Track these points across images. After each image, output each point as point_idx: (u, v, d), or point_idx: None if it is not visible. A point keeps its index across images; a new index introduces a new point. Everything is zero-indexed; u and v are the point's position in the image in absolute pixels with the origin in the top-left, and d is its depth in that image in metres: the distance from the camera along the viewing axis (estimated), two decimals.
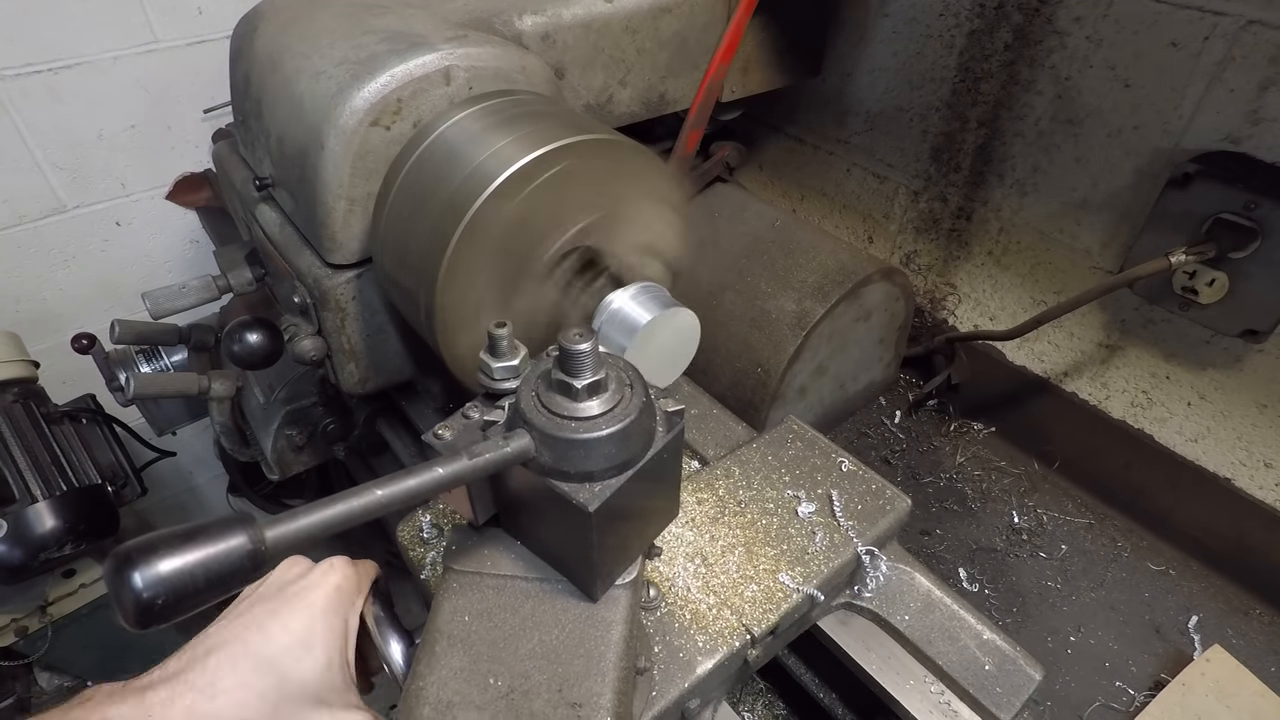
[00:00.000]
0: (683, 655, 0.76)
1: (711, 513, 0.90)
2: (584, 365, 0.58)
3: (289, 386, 1.72)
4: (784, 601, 0.81)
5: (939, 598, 0.93)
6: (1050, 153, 1.44)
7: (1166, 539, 1.46)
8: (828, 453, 0.98)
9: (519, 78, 1.10)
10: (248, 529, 0.45)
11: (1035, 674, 0.88)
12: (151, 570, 0.42)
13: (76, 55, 1.71)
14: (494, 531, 0.70)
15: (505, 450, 0.56)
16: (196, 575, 0.43)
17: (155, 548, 0.43)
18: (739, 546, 0.86)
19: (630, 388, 0.61)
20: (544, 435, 0.57)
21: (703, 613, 0.80)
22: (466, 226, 0.87)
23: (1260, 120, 1.16)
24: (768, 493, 0.92)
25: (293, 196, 1.14)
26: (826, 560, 0.85)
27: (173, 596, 0.42)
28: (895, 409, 1.75)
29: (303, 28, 1.15)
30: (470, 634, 0.63)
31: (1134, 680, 1.26)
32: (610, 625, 0.64)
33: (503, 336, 0.63)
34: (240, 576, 0.45)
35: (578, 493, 0.58)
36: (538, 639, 0.63)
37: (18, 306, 1.90)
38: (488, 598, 0.65)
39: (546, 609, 0.65)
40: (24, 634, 1.63)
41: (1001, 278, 1.62)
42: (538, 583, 0.67)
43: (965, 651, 0.90)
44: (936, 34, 1.54)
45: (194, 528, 0.45)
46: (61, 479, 1.55)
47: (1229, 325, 1.24)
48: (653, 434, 0.62)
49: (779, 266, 1.49)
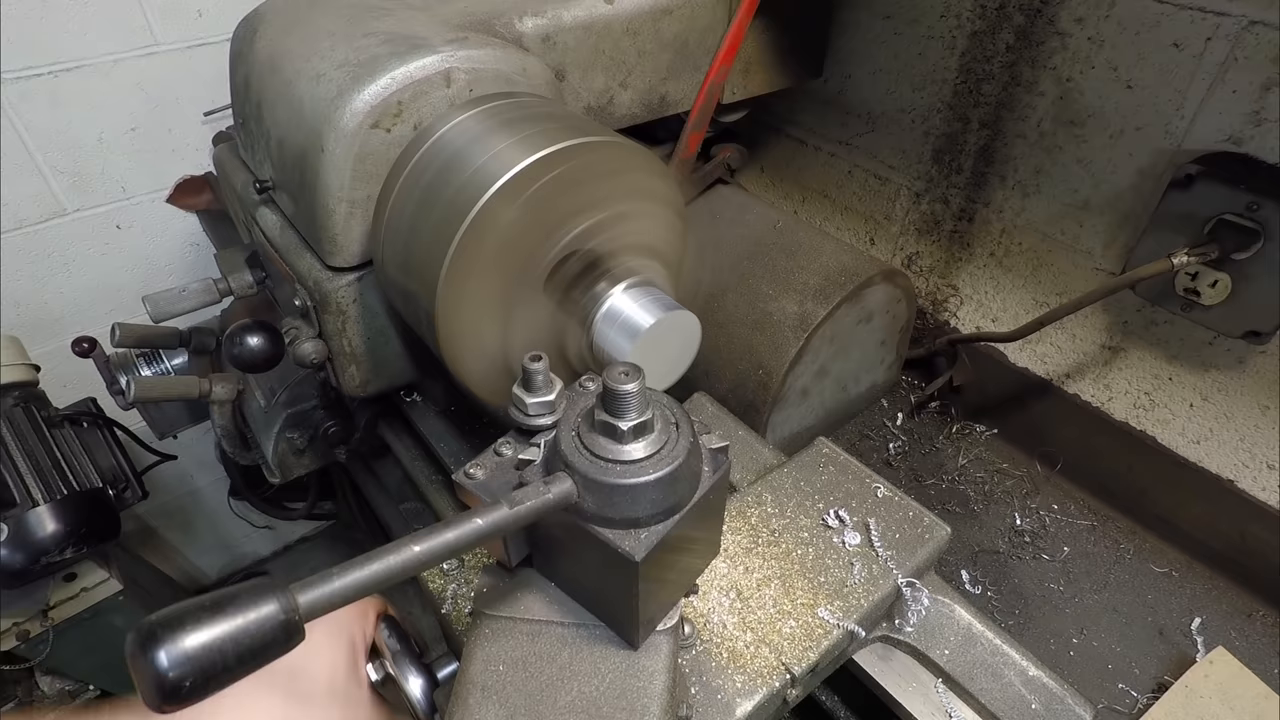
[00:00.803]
0: (721, 697, 0.72)
1: (745, 543, 0.86)
2: (630, 405, 0.54)
3: (290, 389, 1.71)
4: (824, 638, 0.77)
5: (980, 631, 0.89)
6: (1052, 154, 1.44)
7: (1169, 541, 1.46)
8: (861, 477, 0.94)
9: (520, 80, 1.10)
10: (279, 596, 0.42)
11: (1085, 713, 0.84)
12: (178, 647, 0.39)
13: (77, 58, 1.71)
14: (527, 573, 0.67)
15: (547, 497, 0.53)
16: (226, 651, 0.40)
17: (181, 621, 0.40)
18: (775, 579, 0.82)
19: (676, 426, 0.58)
20: (587, 479, 0.54)
21: (740, 650, 0.76)
22: (468, 229, 0.86)
23: (1263, 121, 1.16)
24: (801, 520, 0.89)
25: (293, 199, 1.14)
26: (866, 594, 0.82)
27: (201, 676, 0.39)
28: (897, 411, 1.74)
29: (303, 30, 1.15)
30: (505, 685, 0.60)
31: (1137, 682, 1.25)
32: (653, 675, 0.61)
33: (538, 371, 0.60)
34: (274, 649, 0.42)
35: (623, 541, 0.55)
36: (577, 690, 0.60)
37: (18, 310, 1.90)
38: (522, 645, 0.62)
39: (585, 657, 0.62)
40: (25, 638, 1.63)
41: (1003, 279, 1.62)
42: (574, 628, 0.63)
43: (1010, 689, 0.85)
44: (938, 35, 1.54)
45: (222, 597, 0.42)
46: (62, 483, 1.54)
47: (1232, 326, 1.24)
48: (699, 475, 0.59)
49: (780, 268, 1.49)
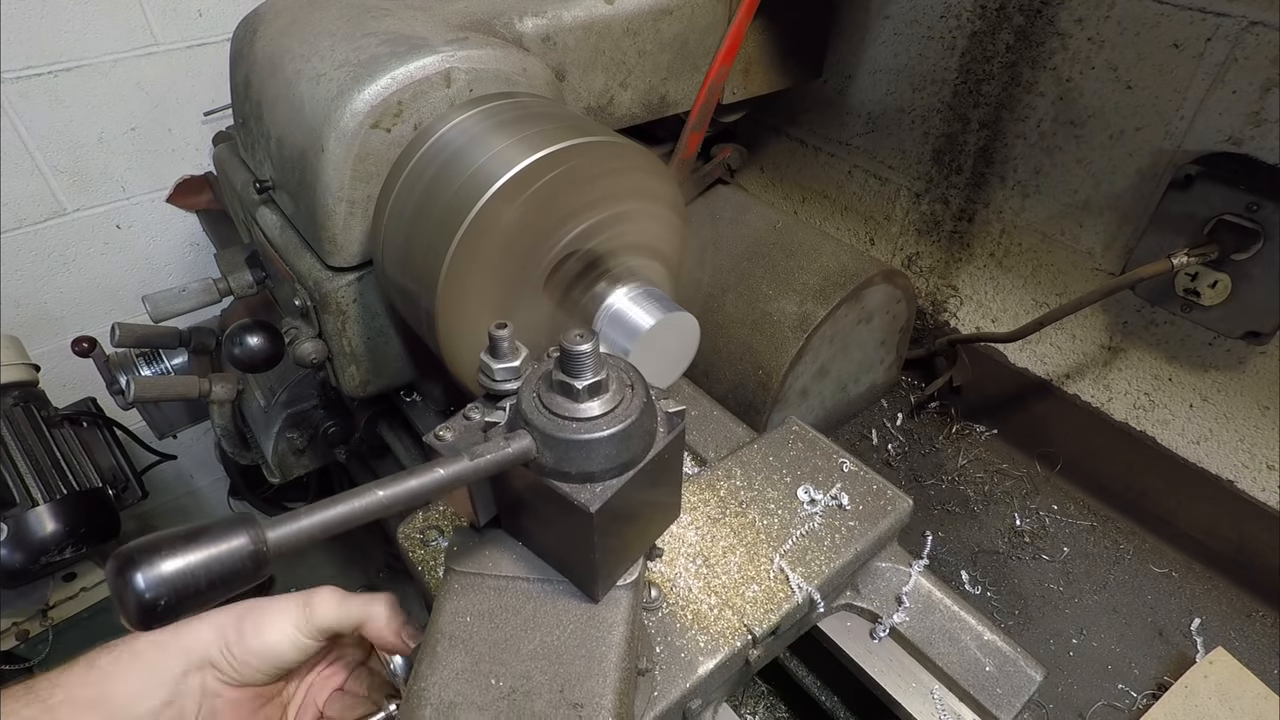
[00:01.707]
0: (684, 655, 0.76)
1: (713, 513, 0.90)
2: (585, 366, 0.58)
3: (290, 389, 1.72)
4: (785, 602, 0.81)
5: (939, 599, 0.94)
6: (1052, 154, 1.44)
7: (1169, 541, 1.46)
8: (829, 453, 0.98)
9: (520, 80, 1.10)
10: (250, 530, 0.45)
11: (1036, 675, 0.88)
12: (154, 571, 0.42)
13: (77, 58, 1.71)
14: (495, 532, 0.70)
15: (506, 451, 0.56)
16: (199, 576, 0.43)
17: (158, 548, 0.43)
18: (740, 547, 0.87)
19: (631, 388, 0.61)
20: (545, 436, 0.58)
21: (704, 613, 0.80)
22: (468, 229, 0.87)
23: (1262, 121, 1.16)
24: (769, 493, 0.93)
25: (293, 199, 1.14)
26: (828, 561, 0.86)
27: (175, 597, 0.43)
28: (897, 411, 1.75)
29: (303, 30, 1.15)
30: (472, 635, 0.63)
31: (1136, 682, 1.26)
32: (612, 626, 0.64)
33: (504, 338, 0.63)
34: (243, 577, 0.45)
35: (579, 493, 0.58)
36: (539, 640, 0.63)
37: (18, 310, 1.90)
38: (489, 599, 0.66)
39: (548, 610, 0.65)
40: (25, 638, 1.63)
41: (1003, 279, 1.62)
42: (539, 583, 0.67)
43: (966, 653, 0.90)
44: (938, 36, 1.54)
45: (196, 528, 0.45)
46: (62, 482, 1.55)
47: (1231, 327, 1.24)
48: (654, 435, 0.62)
49: (780, 268, 1.49)
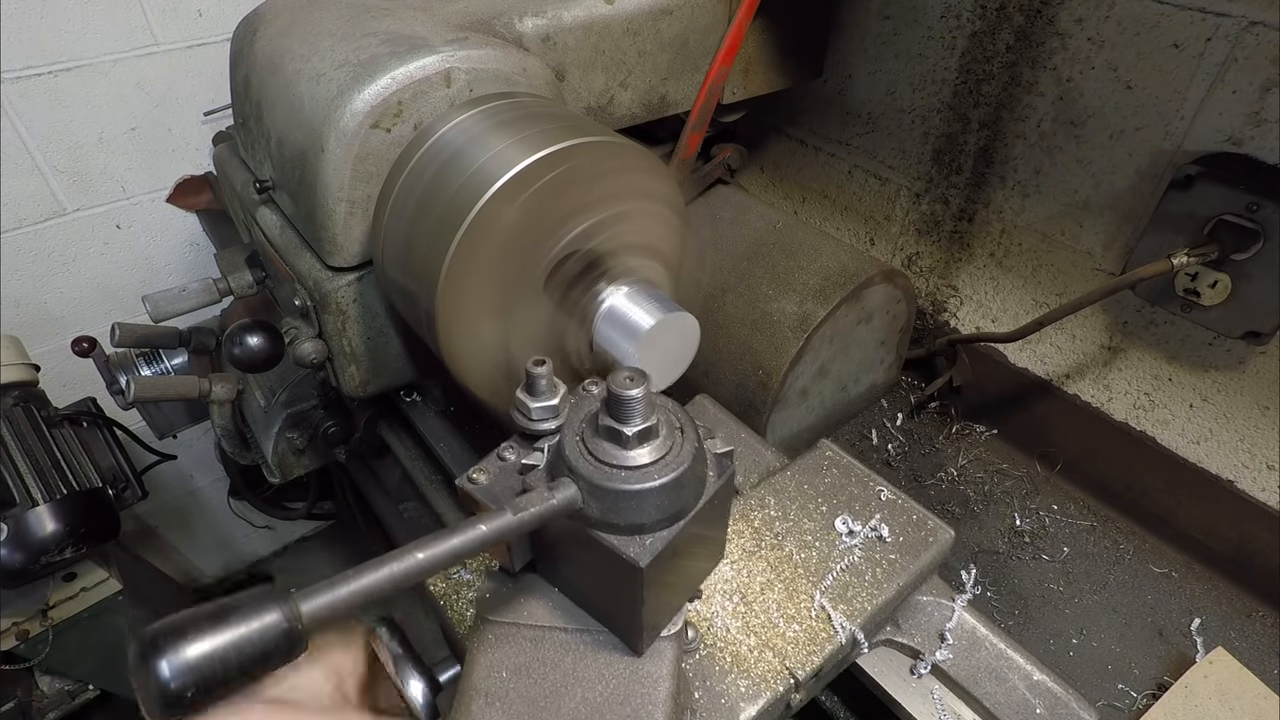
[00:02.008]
0: (724, 702, 0.72)
1: (748, 546, 0.86)
2: (635, 411, 0.54)
3: (290, 389, 1.72)
4: (828, 642, 0.77)
5: (984, 635, 0.89)
6: (1052, 154, 1.44)
7: (1169, 541, 1.46)
8: (865, 481, 0.94)
9: (520, 80, 1.10)
10: (282, 605, 0.42)
11: (1089, 718, 0.83)
12: (179, 657, 0.39)
13: (77, 58, 1.71)
14: (530, 578, 0.67)
15: (551, 503, 0.53)
16: (229, 660, 0.40)
17: (182, 630, 0.40)
18: (779, 582, 0.82)
19: (680, 431, 0.58)
20: (591, 485, 0.54)
21: (743, 655, 0.75)
22: (468, 229, 0.86)
23: (1262, 121, 1.16)
24: (805, 524, 0.88)
25: (293, 199, 1.14)
26: (870, 597, 0.81)
27: (203, 685, 0.39)
28: (897, 411, 1.74)
29: (303, 30, 1.15)
30: (509, 691, 0.60)
31: (1136, 683, 1.25)
32: (657, 681, 0.61)
33: (541, 375, 0.59)
34: (276, 658, 0.42)
35: (628, 547, 0.55)
36: (580, 696, 0.60)
37: (18, 310, 1.90)
38: (525, 651, 0.62)
39: (589, 663, 0.61)
40: (25, 638, 1.63)
41: (1003, 279, 1.62)
42: (578, 634, 0.63)
43: (1014, 693, 0.85)
44: (938, 36, 1.54)
45: (225, 606, 0.42)
46: (62, 482, 1.54)
47: (1231, 327, 1.24)
48: (704, 480, 0.59)
49: (780, 268, 1.49)
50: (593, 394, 0.62)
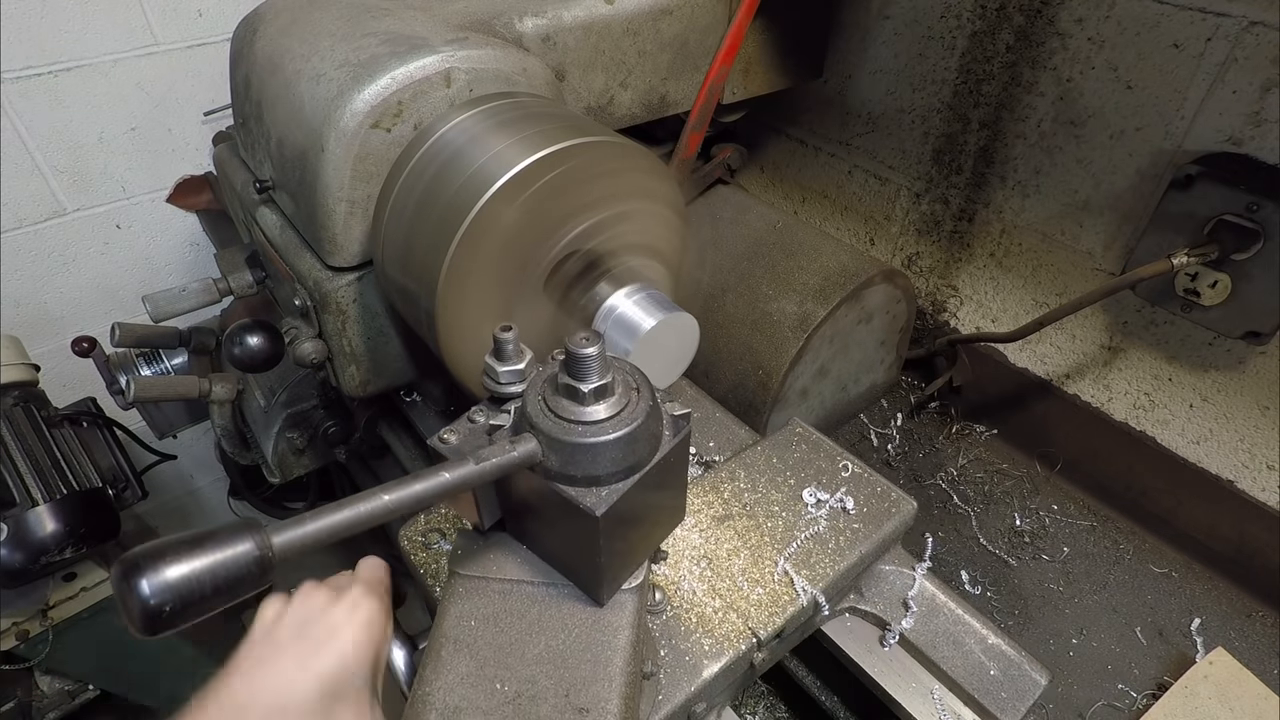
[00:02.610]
0: (689, 659, 0.76)
1: (717, 515, 0.90)
2: (591, 369, 0.57)
3: (290, 389, 1.71)
4: (790, 605, 0.81)
5: (943, 602, 0.93)
6: (1052, 154, 1.44)
7: (1169, 541, 1.46)
8: (833, 455, 0.98)
9: (520, 79, 1.10)
10: (255, 535, 0.45)
11: (1041, 679, 0.88)
12: (159, 577, 0.42)
13: (77, 58, 1.71)
14: (500, 536, 0.70)
15: (512, 454, 0.56)
16: (204, 581, 0.43)
17: (162, 554, 0.43)
18: (745, 550, 0.86)
19: (637, 391, 0.61)
20: (550, 439, 0.57)
21: (709, 616, 0.80)
22: (468, 229, 0.87)
23: (1262, 121, 1.16)
24: (773, 495, 0.92)
25: (293, 199, 1.14)
26: (833, 564, 0.85)
27: (180, 603, 0.42)
28: (897, 411, 1.74)
29: (303, 30, 1.15)
30: (476, 639, 0.63)
31: (1136, 682, 1.26)
32: (617, 630, 0.64)
33: (508, 340, 0.62)
34: (248, 583, 0.45)
35: (585, 497, 0.58)
36: (544, 644, 0.63)
37: (18, 310, 1.90)
38: (494, 602, 0.65)
39: (553, 614, 0.65)
40: (25, 638, 1.63)
41: (1003, 279, 1.62)
42: (544, 587, 0.66)
43: (970, 656, 0.89)
44: (938, 36, 1.54)
45: (201, 534, 0.45)
46: (62, 482, 1.54)
47: (1231, 327, 1.24)
48: (659, 438, 0.62)
49: (780, 269, 1.49)
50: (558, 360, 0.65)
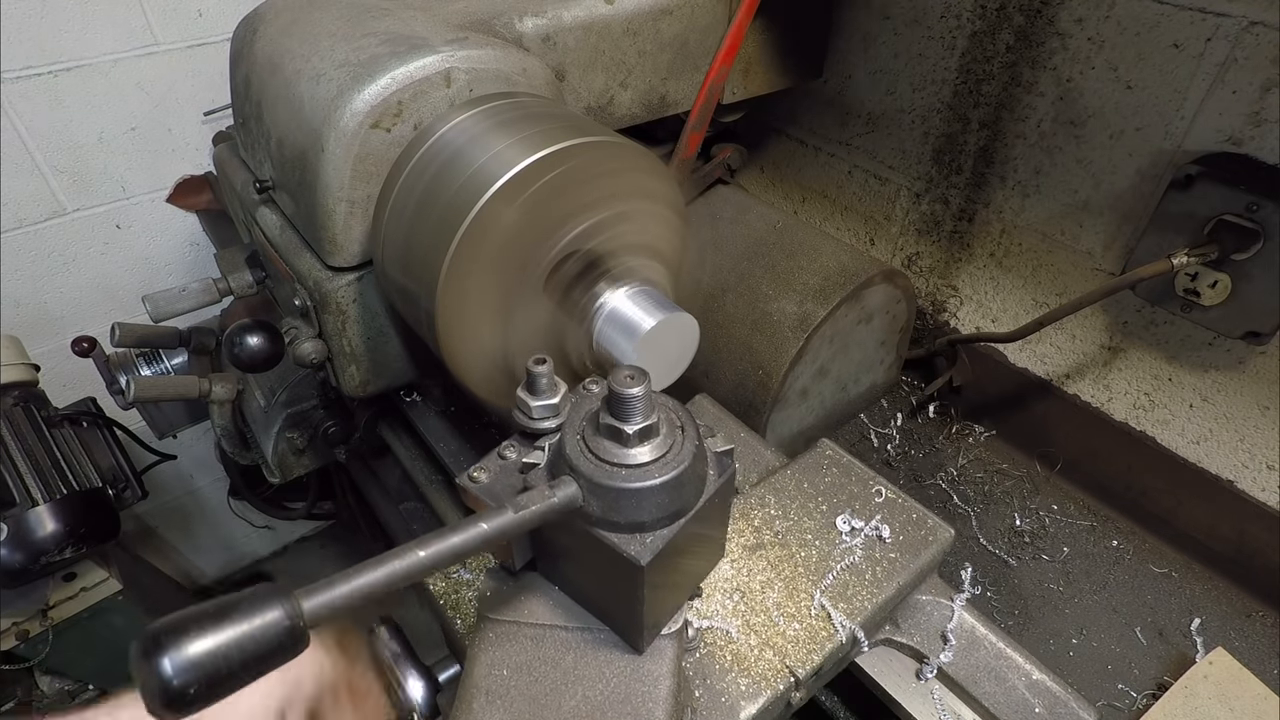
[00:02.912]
0: (725, 700, 0.71)
1: (749, 545, 0.86)
2: (635, 409, 0.54)
3: (290, 389, 1.72)
4: (828, 641, 0.77)
5: (983, 635, 0.89)
6: (1052, 154, 1.44)
7: (1169, 541, 1.46)
8: (865, 480, 0.94)
9: (520, 79, 1.10)
10: (284, 602, 0.42)
11: (1089, 717, 0.84)
12: (182, 654, 0.38)
13: (76, 58, 1.71)
14: (531, 577, 0.67)
15: (552, 501, 0.53)
16: (231, 657, 0.40)
17: (184, 627, 0.40)
18: (779, 581, 0.82)
19: (681, 430, 0.58)
20: (592, 484, 0.54)
21: (744, 653, 0.75)
22: (468, 229, 0.86)
23: (1262, 121, 1.16)
24: (805, 523, 0.88)
25: (293, 199, 1.14)
26: (870, 596, 0.81)
27: (205, 683, 0.39)
28: (897, 411, 1.74)
29: (303, 30, 1.15)
30: (510, 690, 0.60)
31: (1136, 683, 1.25)
32: (657, 680, 0.61)
33: (542, 374, 0.60)
34: (278, 655, 0.41)
35: (628, 545, 0.55)
36: (581, 694, 0.60)
37: (18, 309, 1.90)
38: (526, 649, 0.62)
39: (589, 662, 0.62)
40: (25, 638, 1.63)
41: (1003, 279, 1.62)
42: (579, 633, 0.63)
43: (1013, 693, 0.85)
44: (938, 36, 1.54)
45: (226, 603, 0.41)
46: (62, 482, 1.54)
47: (1231, 327, 1.24)
48: (704, 479, 0.59)
49: (780, 269, 1.49)
50: (593, 393, 0.62)
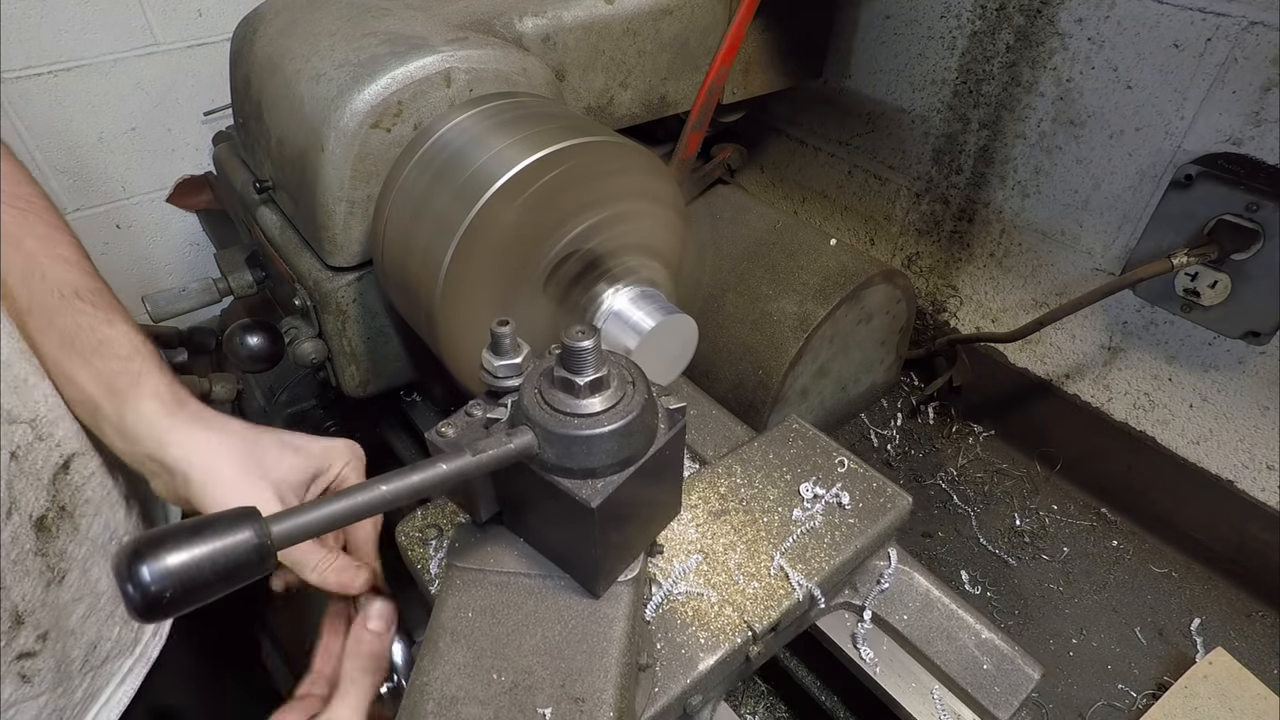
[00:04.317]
0: (684, 652, 0.76)
1: (714, 510, 0.91)
2: (586, 362, 0.58)
3: (290, 389, 1.72)
4: (785, 599, 0.82)
5: (937, 597, 0.94)
6: (1052, 154, 1.44)
7: (1168, 541, 1.46)
8: (829, 451, 0.98)
9: (519, 79, 1.10)
10: (254, 523, 0.46)
11: (1033, 673, 0.89)
12: (159, 563, 0.42)
13: (77, 58, 1.71)
14: (497, 529, 0.70)
15: (508, 446, 0.57)
16: (204, 568, 0.43)
17: (162, 541, 0.43)
18: (741, 544, 0.87)
19: (632, 384, 0.61)
20: (547, 432, 0.58)
21: (704, 610, 0.80)
22: (467, 229, 0.87)
23: (1262, 121, 1.16)
24: (769, 491, 0.93)
25: (293, 199, 1.14)
26: (828, 558, 0.86)
27: (180, 590, 0.43)
28: (897, 411, 1.75)
29: (303, 30, 1.15)
30: (473, 630, 0.63)
31: (1136, 682, 1.26)
32: (613, 621, 0.64)
33: (505, 334, 0.63)
34: (248, 570, 0.45)
35: (580, 489, 0.58)
36: (541, 635, 0.63)
37: None
38: (490, 594, 0.66)
39: (549, 605, 0.65)
40: None
41: (1003, 279, 1.62)
42: (540, 579, 0.67)
43: (963, 651, 0.90)
44: (938, 35, 1.54)
45: (200, 522, 0.45)
46: None
47: (1231, 327, 1.24)
48: (655, 431, 0.62)
49: (780, 269, 1.49)
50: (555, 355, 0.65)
